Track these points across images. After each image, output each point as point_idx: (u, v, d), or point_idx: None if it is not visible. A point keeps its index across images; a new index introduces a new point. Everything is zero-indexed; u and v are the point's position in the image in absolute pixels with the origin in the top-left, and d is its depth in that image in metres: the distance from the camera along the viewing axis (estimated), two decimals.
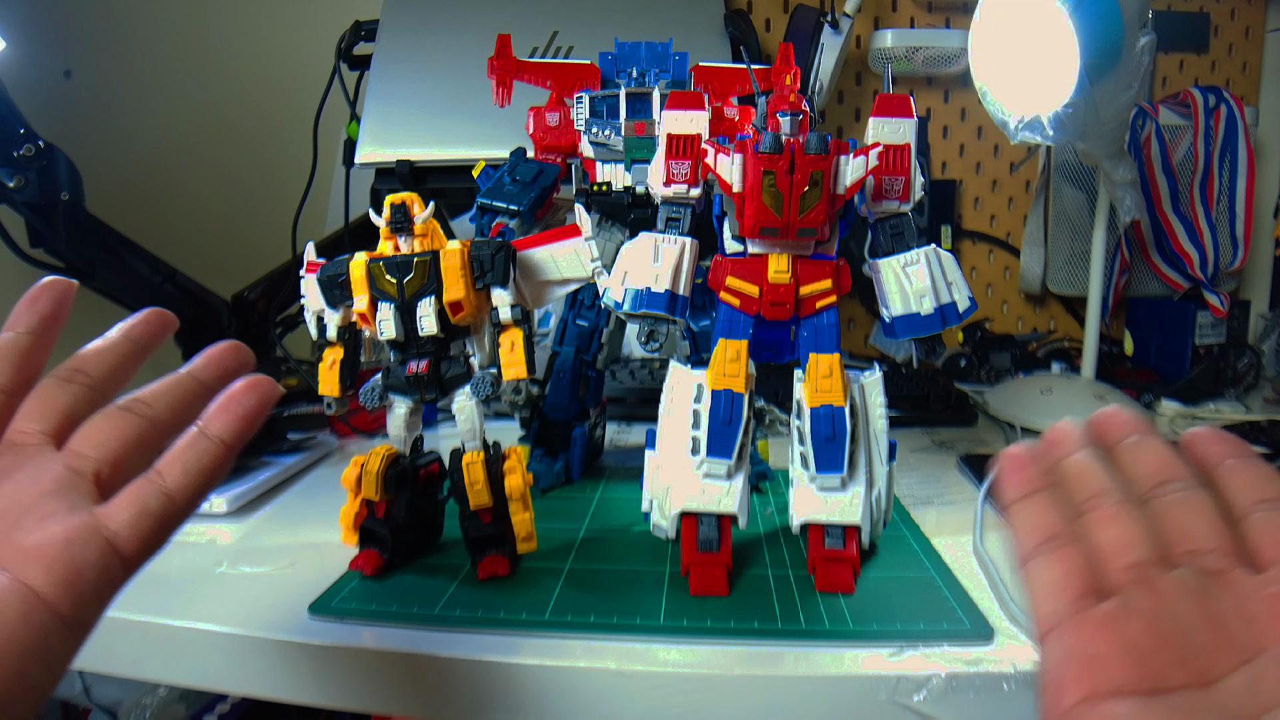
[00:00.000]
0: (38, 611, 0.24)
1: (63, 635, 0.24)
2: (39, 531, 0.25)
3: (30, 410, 0.29)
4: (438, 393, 0.47)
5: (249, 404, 0.30)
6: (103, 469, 0.28)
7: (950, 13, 1.10)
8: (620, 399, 0.84)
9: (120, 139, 1.09)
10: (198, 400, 0.31)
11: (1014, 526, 0.28)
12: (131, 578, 0.27)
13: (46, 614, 0.24)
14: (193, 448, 0.28)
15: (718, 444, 0.44)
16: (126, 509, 0.26)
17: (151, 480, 0.27)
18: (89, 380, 0.31)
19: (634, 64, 0.60)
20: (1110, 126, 0.73)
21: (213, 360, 0.32)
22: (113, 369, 0.32)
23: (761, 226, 0.43)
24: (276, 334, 0.92)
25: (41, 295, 0.32)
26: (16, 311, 0.32)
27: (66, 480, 0.27)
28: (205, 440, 0.29)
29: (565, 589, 0.45)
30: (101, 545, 0.25)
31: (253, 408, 0.30)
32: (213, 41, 1.18)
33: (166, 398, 0.30)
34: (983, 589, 0.45)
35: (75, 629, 0.25)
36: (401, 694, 0.40)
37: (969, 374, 1.03)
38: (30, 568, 0.24)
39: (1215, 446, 0.29)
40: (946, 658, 0.38)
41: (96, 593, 0.25)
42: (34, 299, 0.32)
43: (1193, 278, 1.01)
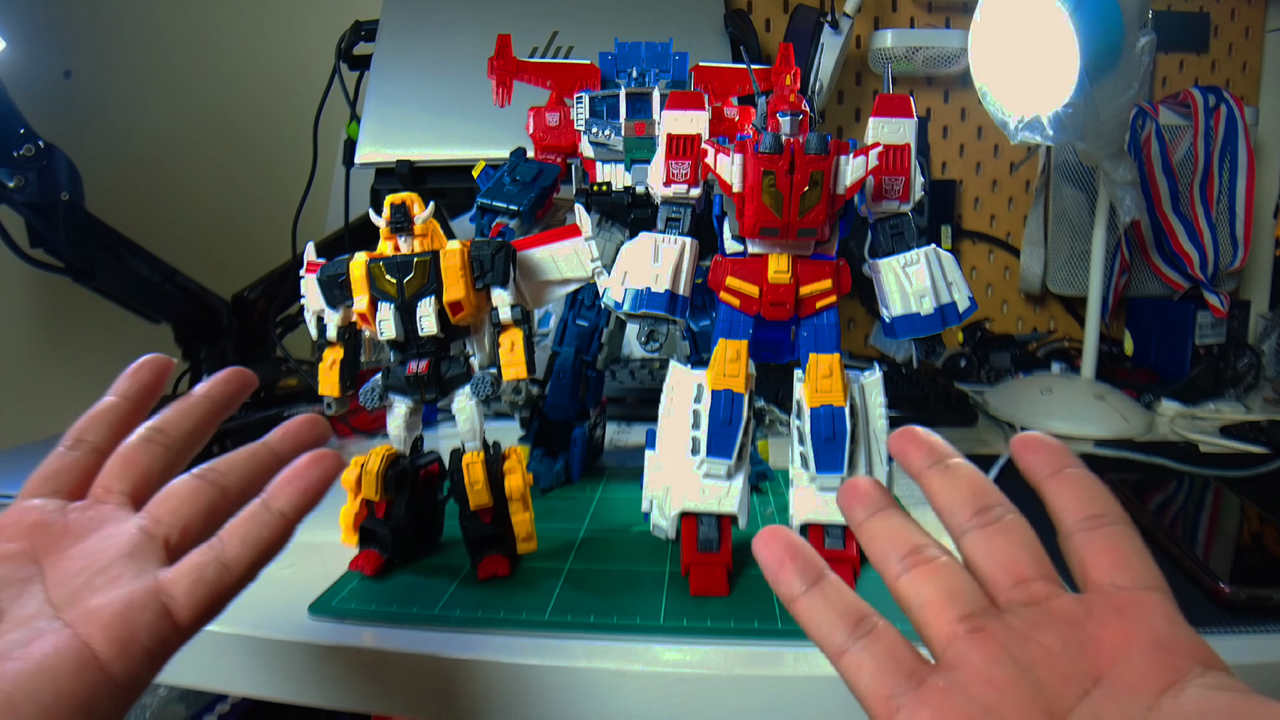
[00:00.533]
0: (91, 670, 0.25)
1: (112, 694, 0.25)
2: (105, 593, 0.26)
3: (113, 469, 0.31)
4: (438, 393, 0.47)
5: (312, 479, 0.30)
6: (173, 535, 0.29)
7: (950, 13, 1.10)
8: (620, 399, 0.84)
9: (120, 139, 1.09)
10: (270, 472, 0.31)
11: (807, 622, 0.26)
12: (185, 643, 0.28)
13: (99, 672, 0.25)
14: (254, 520, 0.29)
15: (718, 444, 0.44)
16: (185, 577, 0.27)
17: (212, 548, 0.28)
18: (168, 441, 0.33)
19: (634, 64, 0.60)
20: (1110, 126, 0.73)
21: (289, 434, 0.34)
22: (192, 431, 0.34)
23: (761, 226, 0.43)
24: (276, 334, 0.92)
25: (143, 368, 0.35)
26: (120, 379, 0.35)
27: (139, 544, 0.28)
28: (267, 513, 0.30)
29: (565, 589, 0.45)
30: (159, 611, 0.26)
31: (316, 482, 0.30)
32: (213, 41, 1.18)
33: (240, 469, 0.32)
34: None
35: (125, 690, 0.25)
36: (401, 694, 0.40)
37: (969, 374, 1.03)
38: (89, 626, 0.25)
39: (1040, 456, 0.28)
40: None
41: (149, 656, 0.26)
42: (136, 370, 0.35)
43: (1193, 278, 1.01)
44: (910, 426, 0.31)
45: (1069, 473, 0.28)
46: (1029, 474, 0.28)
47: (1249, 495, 0.56)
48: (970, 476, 0.29)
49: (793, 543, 0.28)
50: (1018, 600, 0.25)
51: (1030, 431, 0.30)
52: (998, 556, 0.26)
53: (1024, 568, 0.26)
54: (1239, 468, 0.65)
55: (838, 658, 0.25)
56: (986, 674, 0.23)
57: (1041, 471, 0.28)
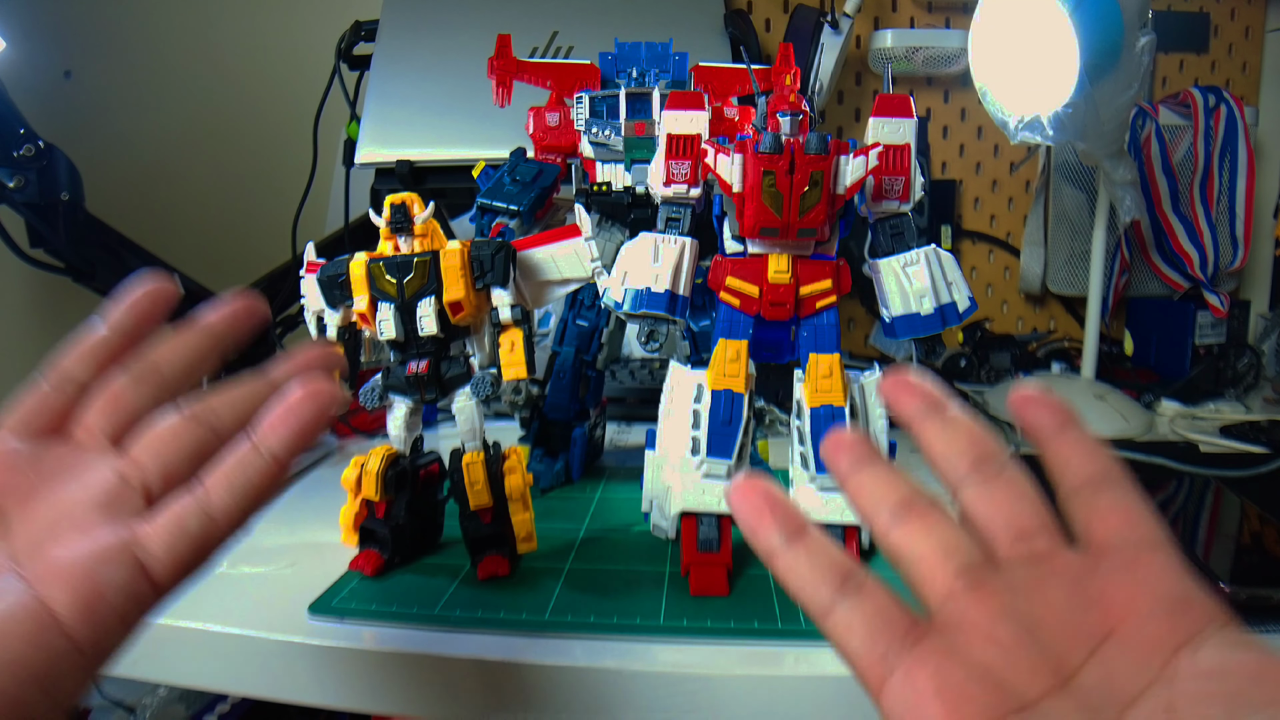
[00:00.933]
0: (49, 633, 0.22)
1: (74, 661, 0.22)
2: (72, 545, 0.23)
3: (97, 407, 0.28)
4: (438, 393, 0.47)
5: (306, 415, 0.27)
6: (154, 482, 0.26)
7: (950, 13, 1.10)
8: (620, 399, 0.84)
9: (120, 139, 1.09)
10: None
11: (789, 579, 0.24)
12: (161, 603, 0.24)
13: (59, 637, 0.22)
14: (242, 464, 0.26)
15: (718, 444, 0.44)
16: (164, 529, 0.24)
17: (195, 496, 0.25)
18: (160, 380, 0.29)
19: (634, 64, 0.60)
20: (1110, 126, 0.73)
21: (296, 366, 0.30)
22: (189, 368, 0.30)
23: (761, 226, 0.43)
24: (276, 334, 0.92)
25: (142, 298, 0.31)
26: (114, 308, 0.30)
27: (115, 491, 0.25)
28: (256, 456, 0.26)
29: (565, 589, 0.45)
30: (132, 567, 0.23)
31: (310, 420, 0.27)
32: (213, 41, 1.18)
33: (236, 407, 0.28)
34: None
35: (90, 656, 0.23)
36: (402, 694, 0.40)
37: (969, 374, 1.03)
38: (52, 585, 0.23)
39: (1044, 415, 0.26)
40: None
41: (119, 619, 0.23)
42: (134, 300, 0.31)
43: (1193, 278, 1.01)
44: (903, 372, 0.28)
45: (1073, 433, 0.26)
46: (1031, 432, 0.27)
47: (1249, 495, 0.56)
48: (968, 427, 0.26)
49: (770, 493, 0.25)
50: (1019, 556, 0.23)
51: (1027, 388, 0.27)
52: (998, 510, 0.24)
53: (1026, 521, 0.24)
54: (1239, 468, 0.65)
55: (824, 617, 0.23)
56: (988, 632, 0.22)
57: (1045, 430, 0.26)
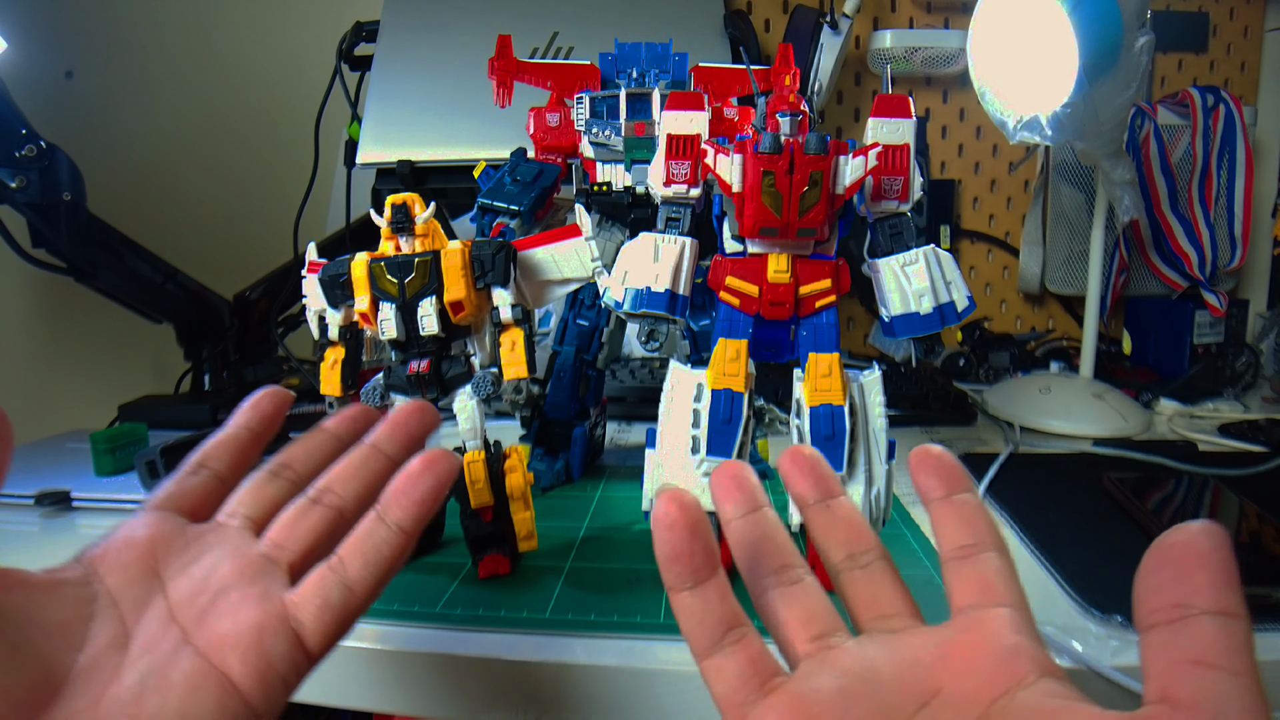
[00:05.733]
0: (233, 701, 0.24)
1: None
2: (235, 617, 0.25)
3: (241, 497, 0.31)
4: (439, 392, 0.47)
5: (426, 487, 0.29)
6: (296, 560, 0.28)
7: (949, 13, 1.11)
8: (620, 398, 0.84)
9: (121, 139, 1.09)
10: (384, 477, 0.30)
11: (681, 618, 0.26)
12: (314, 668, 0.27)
13: (240, 704, 0.24)
14: (372, 537, 0.28)
15: (718, 443, 0.45)
16: (310, 602, 0.26)
17: (334, 570, 0.27)
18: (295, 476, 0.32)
19: (634, 64, 0.60)
20: (1109, 126, 0.73)
21: (398, 429, 0.32)
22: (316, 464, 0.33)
23: (761, 226, 0.43)
24: (278, 334, 0.92)
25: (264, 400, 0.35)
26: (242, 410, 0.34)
27: (263, 567, 0.27)
28: (384, 529, 0.28)
29: (566, 588, 0.45)
30: (290, 637, 0.26)
31: (431, 491, 0.29)
32: (214, 42, 1.19)
33: (355, 484, 0.30)
34: None
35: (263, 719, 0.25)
36: (402, 692, 0.40)
37: (968, 373, 1.03)
38: (225, 654, 0.25)
39: (932, 479, 0.29)
40: None
41: (284, 684, 0.25)
42: (258, 402, 0.35)
43: (1191, 277, 1.01)
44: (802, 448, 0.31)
45: (955, 499, 0.28)
46: (920, 492, 0.29)
47: (1247, 494, 0.57)
48: (848, 518, 0.29)
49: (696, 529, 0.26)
50: (877, 629, 0.26)
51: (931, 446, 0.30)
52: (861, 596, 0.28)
53: (885, 605, 0.27)
54: (1237, 466, 0.65)
55: (702, 658, 0.26)
56: (833, 686, 0.24)
57: (931, 494, 0.29)
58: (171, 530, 0.29)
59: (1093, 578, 0.44)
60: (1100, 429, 0.78)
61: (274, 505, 0.30)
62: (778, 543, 0.28)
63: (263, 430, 0.34)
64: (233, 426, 0.34)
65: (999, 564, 0.27)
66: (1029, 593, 0.26)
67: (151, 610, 0.26)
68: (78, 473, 0.66)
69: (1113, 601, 0.41)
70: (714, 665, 0.26)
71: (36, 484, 0.61)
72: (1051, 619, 0.41)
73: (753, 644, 0.26)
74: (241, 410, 0.34)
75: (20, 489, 0.60)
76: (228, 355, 0.89)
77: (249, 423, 0.34)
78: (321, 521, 0.29)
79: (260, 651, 0.25)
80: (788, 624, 0.26)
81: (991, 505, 0.58)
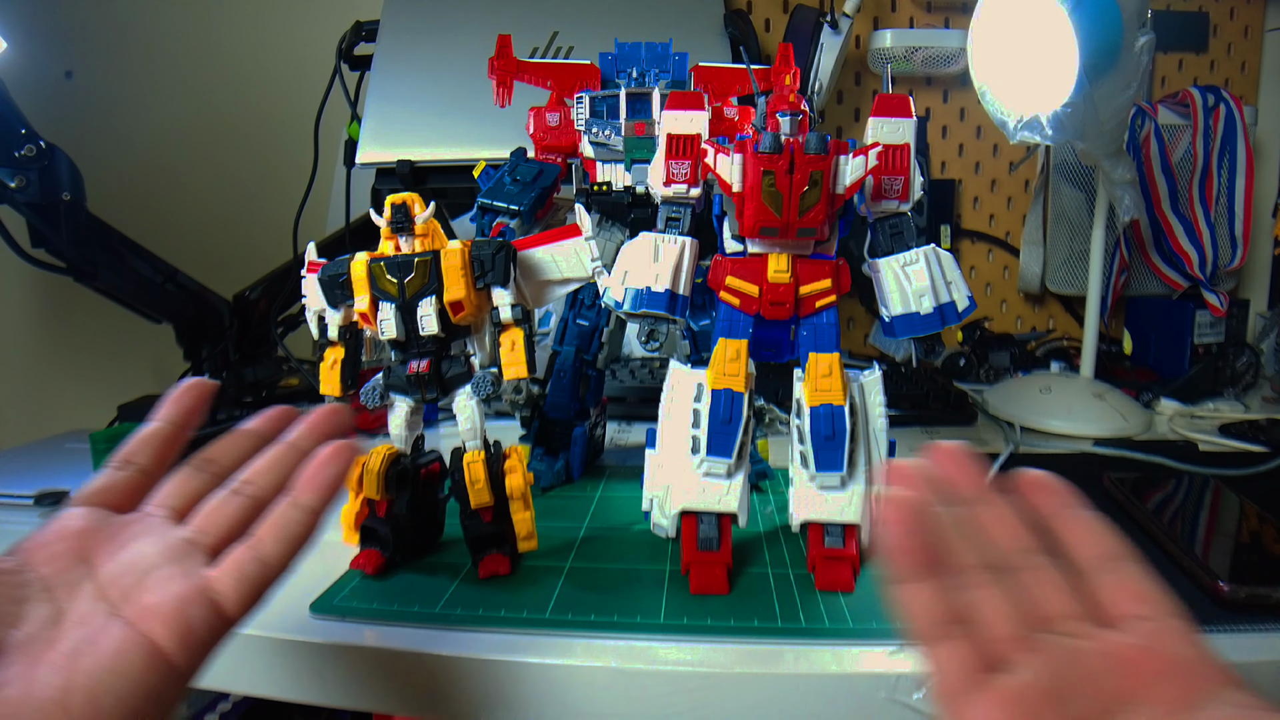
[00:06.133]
0: (158, 660, 0.27)
1: (174, 682, 0.28)
2: (160, 591, 0.29)
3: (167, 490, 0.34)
4: (438, 392, 0.47)
5: (332, 473, 0.34)
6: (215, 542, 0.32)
7: (949, 13, 1.11)
8: (620, 398, 0.84)
9: (121, 139, 1.09)
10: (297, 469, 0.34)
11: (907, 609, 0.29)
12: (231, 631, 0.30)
13: (164, 663, 0.28)
14: (285, 518, 0.32)
15: (718, 443, 0.45)
16: (229, 574, 0.30)
17: (251, 547, 0.31)
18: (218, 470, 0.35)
19: (634, 64, 0.60)
20: (1109, 126, 0.73)
21: (315, 429, 0.36)
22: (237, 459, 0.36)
23: (761, 226, 0.43)
24: (278, 334, 0.92)
25: (186, 394, 0.37)
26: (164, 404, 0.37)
27: (185, 550, 0.31)
28: (295, 510, 0.32)
29: (566, 587, 0.45)
30: (210, 605, 0.29)
31: (335, 476, 0.34)
32: (214, 42, 1.19)
33: (272, 475, 0.34)
34: None
35: (186, 678, 0.28)
36: (403, 693, 0.40)
37: (968, 373, 1.03)
38: (150, 622, 0.28)
39: (1048, 498, 0.32)
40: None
41: (204, 646, 0.29)
42: (179, 396, 0.37)
43: (1191, 277, 1.01)
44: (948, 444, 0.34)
45: (1077, 514, 0.31)
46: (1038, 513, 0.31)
47: (1248, 494, 0.57)
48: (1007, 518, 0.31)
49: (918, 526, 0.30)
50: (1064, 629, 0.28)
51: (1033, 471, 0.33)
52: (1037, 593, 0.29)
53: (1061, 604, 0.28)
54: (1238, 466, 0.65)
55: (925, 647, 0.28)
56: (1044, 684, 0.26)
57: (1050, 512, 0.31)
58: (99, 522, 0.32)
59: None
60: (1101, 429, 0.78)
61: (196, 497, 0.34)
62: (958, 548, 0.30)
63: (184, 423, 0.37)
64: (155, 422, 0.36)
65: (1142, 573, 0.29)
66: None
67: (82, 591, 0.29)
68: (78, 473, 0.66)
69: None
70: (936, 655, 0.28)
71: (36, 484, 0.61)
72: None
73: (973, 638, 0.28)
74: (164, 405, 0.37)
75: (20, 489, 0.60)
76: (228, 355, 0.89)
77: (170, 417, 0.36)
78: (240, 510, 0.33)
79: (182, 619, 0.28)
80: (986, 620, 0.28)
81: None
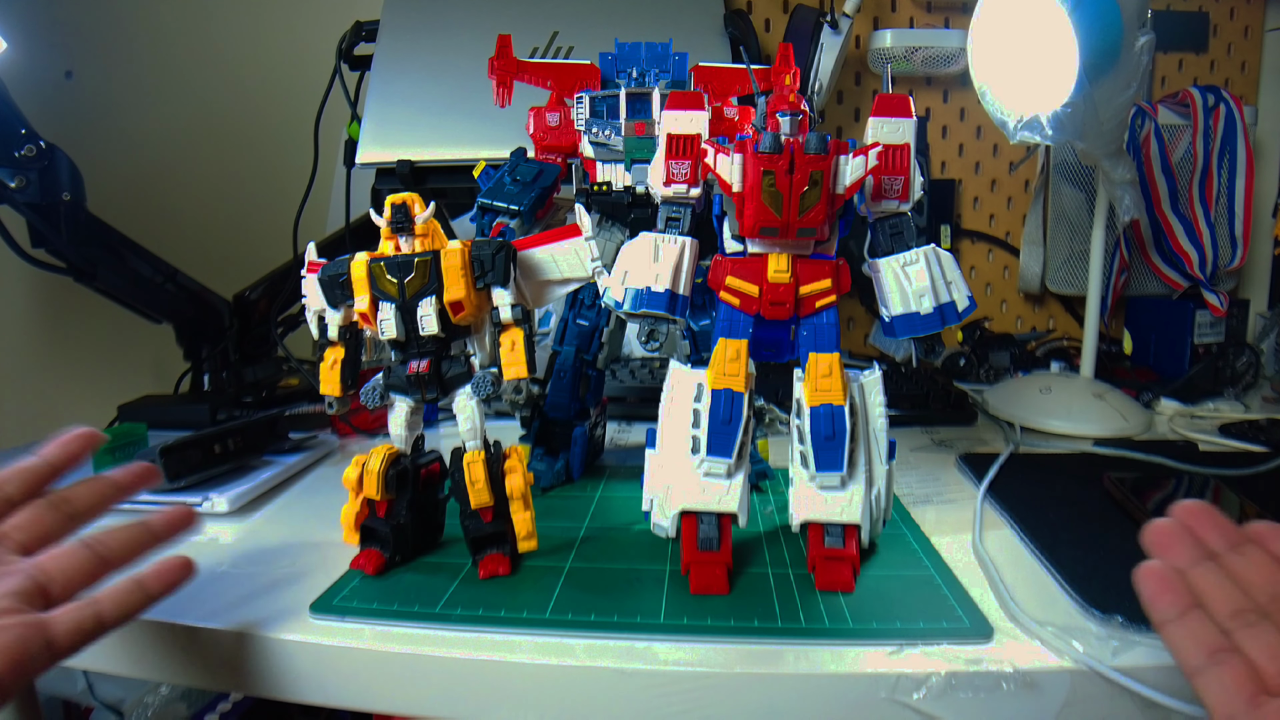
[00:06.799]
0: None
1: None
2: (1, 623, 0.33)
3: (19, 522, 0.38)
4: (439, 392, 0.47)
5: (179, 577, 0.39)
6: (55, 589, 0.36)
7: (949, 13, 1.11)
8: (620, 398, 0.84)
9: (121, 139, 1.09)
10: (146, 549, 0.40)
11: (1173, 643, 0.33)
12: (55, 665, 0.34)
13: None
14: (128, 594, 0.37)
15: (718, 443, 0.45)
16: (67, 622, 0.34)
17: (91, 605, 0.36)
18: (72, 510, 0.40)
19: (634, 64, 0.60)
20: (1109, 126, 0.73)
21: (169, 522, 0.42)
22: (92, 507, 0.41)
23: (761, 226, 0.43)
24: (278, 334, 0.92)
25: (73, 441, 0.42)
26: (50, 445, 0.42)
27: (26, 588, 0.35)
28: (139, 590, 0.37)
29: (566, 588, 0.45)
30: (42, 644, 0.33)
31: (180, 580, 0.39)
32: (214, 42, 1.19)
33: (123, 544, 0.39)
34: (982, 587, 0.45)
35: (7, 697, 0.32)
36: (403, 693, 0.40)
37: (968, 373, 1.03)
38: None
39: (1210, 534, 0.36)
40: (946, 656, 0.38)
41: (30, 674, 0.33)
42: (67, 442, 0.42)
43: (1192, 277, 1.01)
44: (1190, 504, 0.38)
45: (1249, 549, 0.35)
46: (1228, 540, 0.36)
47: (1248, 494, 0.57)
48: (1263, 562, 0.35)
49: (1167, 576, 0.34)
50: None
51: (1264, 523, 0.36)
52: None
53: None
54: (1238, 466, 0.65)
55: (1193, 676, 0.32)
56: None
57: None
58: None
59: (1093, 578, 0.44)
60: (1101, 429, 0.78)
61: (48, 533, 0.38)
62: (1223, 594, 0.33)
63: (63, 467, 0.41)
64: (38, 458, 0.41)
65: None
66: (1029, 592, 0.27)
67: None
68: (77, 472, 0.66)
69: (1113, 601, 0.41)
70: (1206, 678, 0.31)
71: None
72: (1051, 619, 0.41)
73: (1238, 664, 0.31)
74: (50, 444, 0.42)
75: None
76: (227, 355, 0.89)
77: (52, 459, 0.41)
78: (88, 565, 0.37)
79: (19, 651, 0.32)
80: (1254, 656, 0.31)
81: (992, 505, 0.58)
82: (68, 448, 0.42)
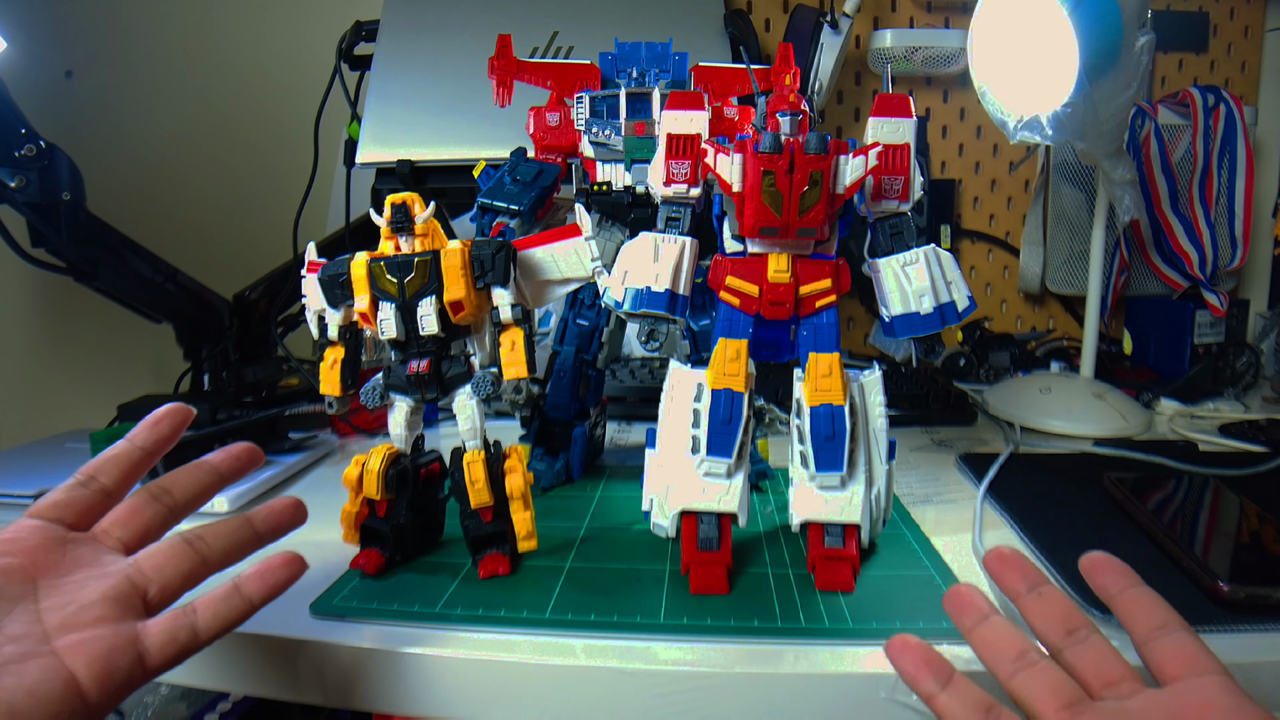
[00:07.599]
0: (74, 695, 0.29)
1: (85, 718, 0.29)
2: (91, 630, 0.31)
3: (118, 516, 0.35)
4: (439, 392, 0.47)
5: (281, 577, 0.36)
6: (153, 590, 0.33)
7: (949, 13, 1.11)
8: (620, 398, 0.84)
9: (121, 139, 1.09)
10: (248, 547, 0.37)
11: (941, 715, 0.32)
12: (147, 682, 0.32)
13: (79, 699, 0.29)
14: (226, 601, 0.34)
15: (718, 443, 0.45)
16: (160, 634, 0.32)
17: (187, 615, 0.33)
18: (171, 502, 0.37)
19: (634, 64, 0.60)
20: (1109, 126, 0.73)
21: (273, 515, 0.39)
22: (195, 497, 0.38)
23: (761, 226, 0.43)
24: (278, 333, 0.92)
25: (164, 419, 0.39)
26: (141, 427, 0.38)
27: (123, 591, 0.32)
28: (238, 597, 0.34)
29: (566, 587, 0.45)
30: (135, 657, 0.31)
31: (284, 581, 0.36)
32: (214, 41, 1.19)
33: (224, 541, 0.36)
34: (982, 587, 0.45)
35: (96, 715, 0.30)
36: (402, 693, 0.40)
37: (968, 373, 1.03)
38: (77, 659, 0.30)
39: (1110, 577, 0.35)
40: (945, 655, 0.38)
41: (120, 692, 0.30)
42: (157, 421, 0.39)
43: (1192, 277, 1.01)
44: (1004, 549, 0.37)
45: (1134, 592, 0.34)
46: (1100, 592, 0.35)
47: (1248, 494, 0.56)
48: (1059, 602, 0.34)
49: (924, 650, 0.33)
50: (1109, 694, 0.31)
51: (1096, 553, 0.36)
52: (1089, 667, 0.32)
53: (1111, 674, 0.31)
54: (1238, 466, 0.65)
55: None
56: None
57: (1111, 590, 0.35)
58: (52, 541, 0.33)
59: None
60: (1101, 429, 0.78)
61: (147, 527, 0.36)
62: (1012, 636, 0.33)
63: (156, 449, 0.38)
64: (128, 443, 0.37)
65: (1192, 638, 0.32)
66: None
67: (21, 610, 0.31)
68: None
69: None
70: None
71: (36, 484, 0.61)
72: None
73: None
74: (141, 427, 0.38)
75: (20, 489, 0.60)
76: (227, 355, 0.89)
77: (144, 442, 0.38)
78: (186, 563, 0.35)
79: (106, 665, 0.30)
80: (1039, 699, 0.31)
81: (992, 505, 0.58)
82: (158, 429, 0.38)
